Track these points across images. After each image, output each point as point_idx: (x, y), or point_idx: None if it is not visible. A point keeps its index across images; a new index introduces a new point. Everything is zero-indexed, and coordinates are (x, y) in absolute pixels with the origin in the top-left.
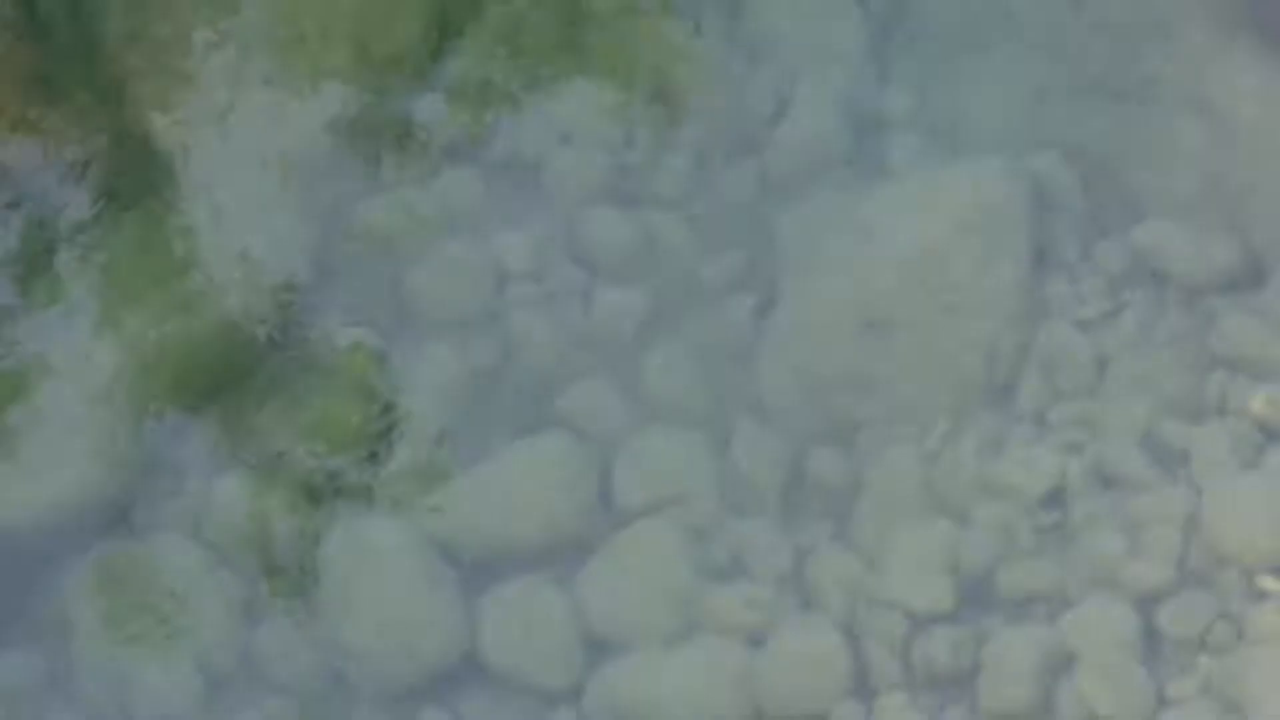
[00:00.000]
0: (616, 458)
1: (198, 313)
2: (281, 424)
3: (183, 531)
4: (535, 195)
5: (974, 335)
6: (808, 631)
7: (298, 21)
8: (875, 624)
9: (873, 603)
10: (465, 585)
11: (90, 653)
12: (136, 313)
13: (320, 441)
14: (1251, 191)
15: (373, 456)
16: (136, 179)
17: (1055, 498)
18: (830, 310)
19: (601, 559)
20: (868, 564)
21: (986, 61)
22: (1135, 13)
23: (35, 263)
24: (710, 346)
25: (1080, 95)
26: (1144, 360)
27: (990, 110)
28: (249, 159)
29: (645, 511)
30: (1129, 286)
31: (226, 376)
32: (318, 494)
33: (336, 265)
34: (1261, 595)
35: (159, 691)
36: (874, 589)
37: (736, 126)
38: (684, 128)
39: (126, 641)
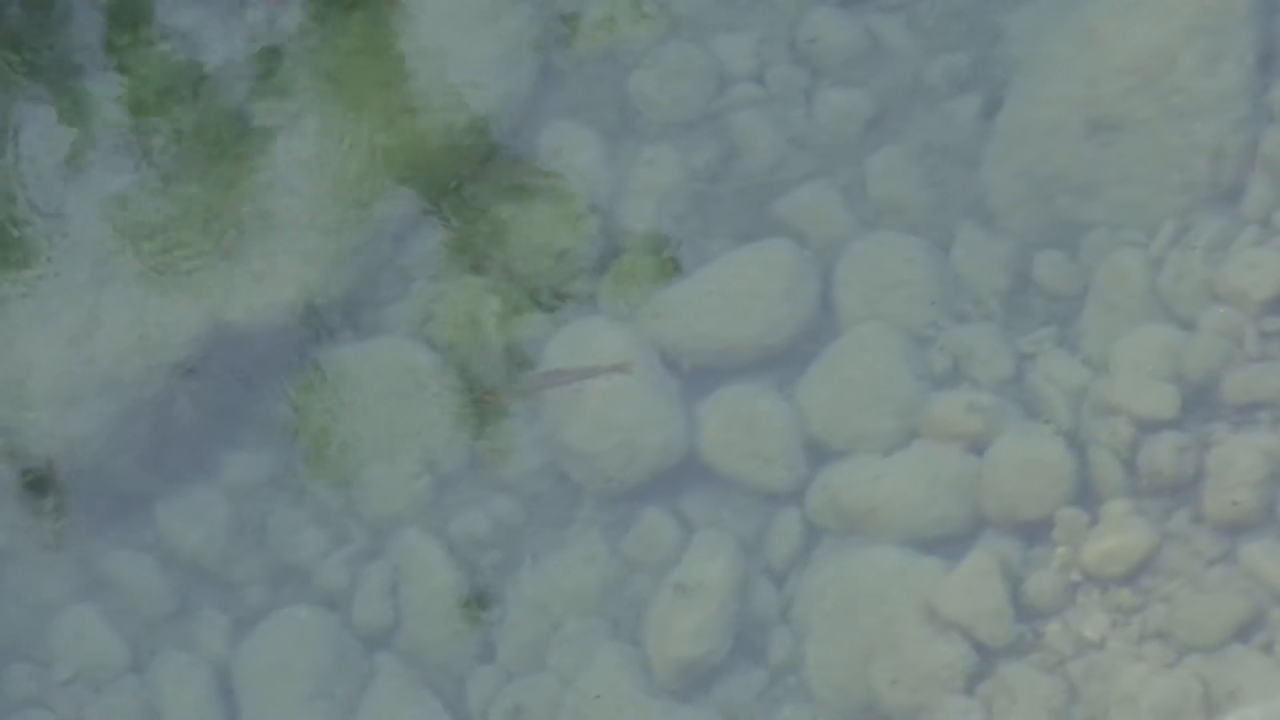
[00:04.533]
0: (838, 262)
1: (422, 116)
2: (505, 227)
3: (408, 333)
4: None
5: (1200, 137)
6: (1030, 437)
7: None
8: (1099, 430)
9: (1097, 408)
10: (686, 390)
11: (317, 453)
12: (362, 116)
13: (543, 244)
14: None
15: (595, 260)
16: None
17: None
18: (1055, 112)
19: (822, 364)
20: (1092, 369)
21: None
22: None
23: (261, 67)
24: (933, 149)
25: None
26: None
27: None
28: None
29: (866, 316)
30: None
31: (451, 179)
32: (540, 296)
33: (560, 68)
34: None
35: (385, 491)
36: (1098, 394)
37: None
38: None
39: (353, 442)
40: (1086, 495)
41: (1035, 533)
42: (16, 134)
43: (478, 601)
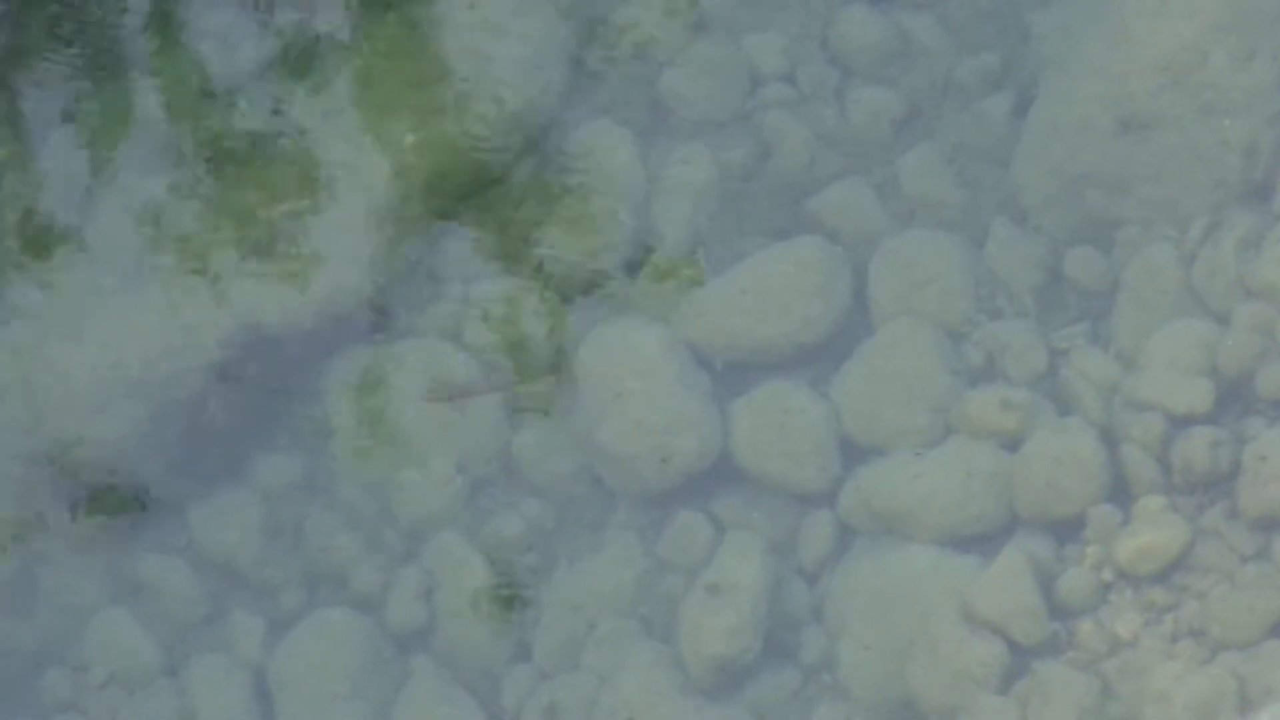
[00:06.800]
0: (870, 260)
1: (455, 116)
2: (538, 227)
3: (442, 335)
4: None
5: (1232, 134)
6: (1064, 433)
7: None
8: (1132, 426)
9: (1130, 404)
10: (719, 388)
11: (351, 455)
12: (394, 117)
13: (575, 244)
14: None
15: (627, 259)
16: None
17: None
18: (1086, 110)
19: (855, 362)
20: (1125, 365)
21: None
22: None
23: (293, 68)
24: (965, 146)
25: None
26: None
27: None
28: None
29: (899, 313)
30: None
31: (483, 179)
32: (573, 297)
33: (591, 67)
34: None
35: (418, 494)
36: (1131, 390)
37: None
38: None
39: (387, 444)
40: (1119, 492)
41: (1068, 530)
42: (48, 137)
43: (512, 603)
